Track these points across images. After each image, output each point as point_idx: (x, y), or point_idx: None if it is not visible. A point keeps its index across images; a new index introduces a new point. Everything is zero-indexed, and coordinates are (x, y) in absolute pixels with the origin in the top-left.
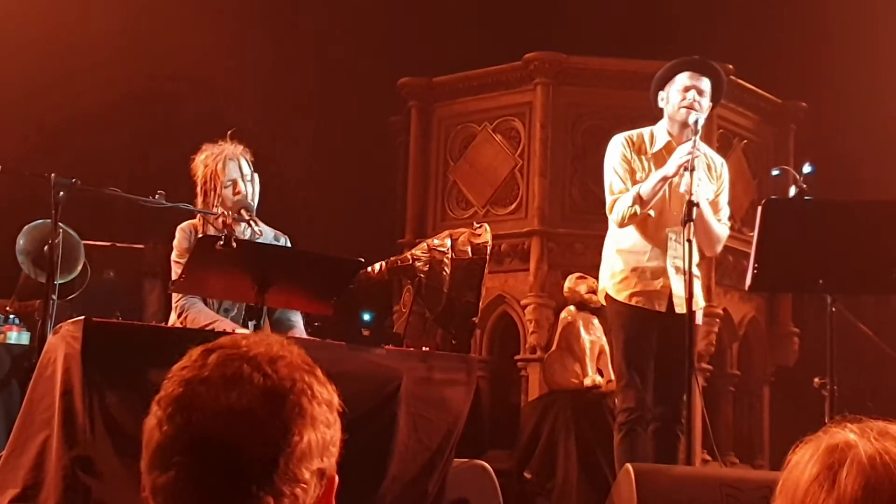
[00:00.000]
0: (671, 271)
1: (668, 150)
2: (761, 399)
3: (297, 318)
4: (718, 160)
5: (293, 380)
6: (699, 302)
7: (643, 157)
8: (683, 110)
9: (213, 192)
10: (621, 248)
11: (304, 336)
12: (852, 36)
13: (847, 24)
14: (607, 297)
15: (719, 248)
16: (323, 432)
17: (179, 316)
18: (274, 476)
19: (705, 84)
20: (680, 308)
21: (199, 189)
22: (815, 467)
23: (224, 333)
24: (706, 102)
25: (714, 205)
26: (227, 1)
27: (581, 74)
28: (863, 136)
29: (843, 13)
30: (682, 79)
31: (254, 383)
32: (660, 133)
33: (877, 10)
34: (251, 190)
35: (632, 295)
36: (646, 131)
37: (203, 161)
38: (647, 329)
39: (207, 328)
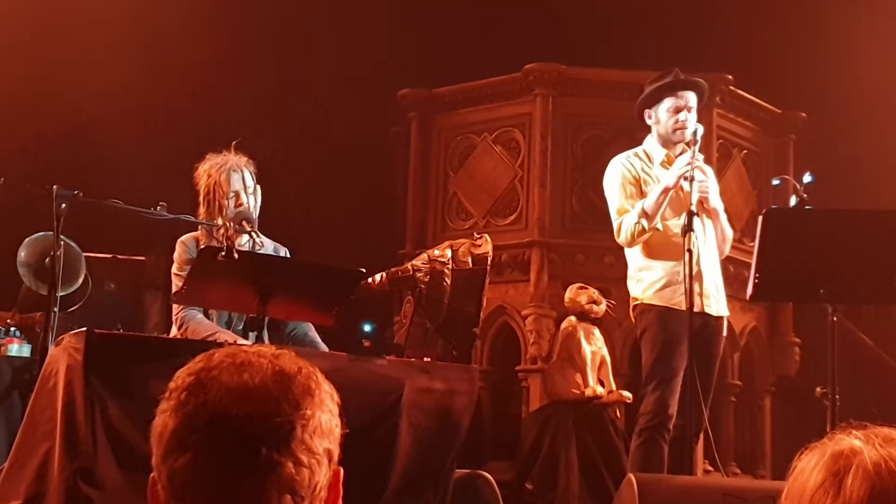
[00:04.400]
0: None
1: (669, 161)
2: (763, 409)
3: (314, 334)
4: (707, 167)
5: (298, 366)
6: (724, 311)
7: (647, 171)
8: (679, 132)
9: (215, 203)
10: (648, 259)
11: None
12: (851, 46)
13: (846, 34)
14: (640, 307)
15: (728, 248)
16: (329, 417)
17: (180, 328)
18: (291, 444)
19: (692, 100)
20: (708, 308)
21: (201, 199)
22: (821, 474)
23: (226, 344)
24: (695, 115)
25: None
26: (226, 13)
27: (580, 85)
28: (862, 145)
29: (841, 23)
30: (669, 101)
31: (263, 367)
32: (653, 148)
33: (875, 21)
34: (253, 202)
35: (667, 299)
36: (639, 150)
37: (206, 171)
38: (680, 330)
39: (208, 339)
